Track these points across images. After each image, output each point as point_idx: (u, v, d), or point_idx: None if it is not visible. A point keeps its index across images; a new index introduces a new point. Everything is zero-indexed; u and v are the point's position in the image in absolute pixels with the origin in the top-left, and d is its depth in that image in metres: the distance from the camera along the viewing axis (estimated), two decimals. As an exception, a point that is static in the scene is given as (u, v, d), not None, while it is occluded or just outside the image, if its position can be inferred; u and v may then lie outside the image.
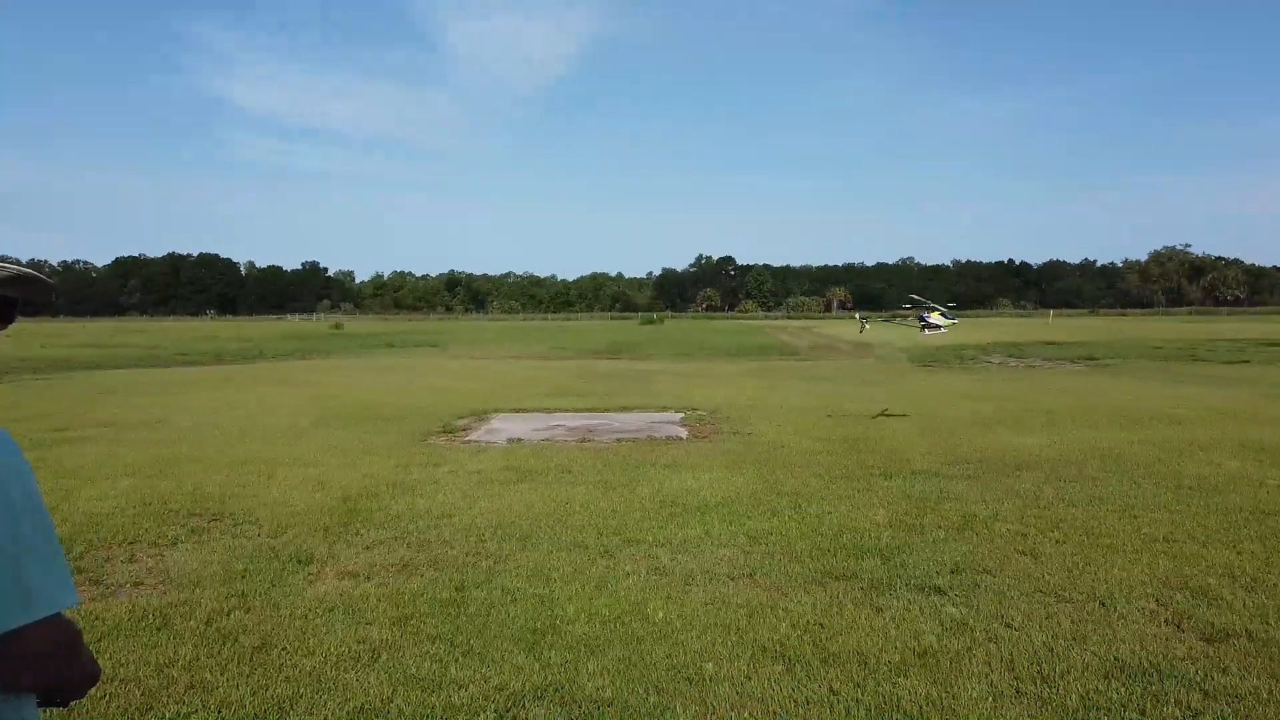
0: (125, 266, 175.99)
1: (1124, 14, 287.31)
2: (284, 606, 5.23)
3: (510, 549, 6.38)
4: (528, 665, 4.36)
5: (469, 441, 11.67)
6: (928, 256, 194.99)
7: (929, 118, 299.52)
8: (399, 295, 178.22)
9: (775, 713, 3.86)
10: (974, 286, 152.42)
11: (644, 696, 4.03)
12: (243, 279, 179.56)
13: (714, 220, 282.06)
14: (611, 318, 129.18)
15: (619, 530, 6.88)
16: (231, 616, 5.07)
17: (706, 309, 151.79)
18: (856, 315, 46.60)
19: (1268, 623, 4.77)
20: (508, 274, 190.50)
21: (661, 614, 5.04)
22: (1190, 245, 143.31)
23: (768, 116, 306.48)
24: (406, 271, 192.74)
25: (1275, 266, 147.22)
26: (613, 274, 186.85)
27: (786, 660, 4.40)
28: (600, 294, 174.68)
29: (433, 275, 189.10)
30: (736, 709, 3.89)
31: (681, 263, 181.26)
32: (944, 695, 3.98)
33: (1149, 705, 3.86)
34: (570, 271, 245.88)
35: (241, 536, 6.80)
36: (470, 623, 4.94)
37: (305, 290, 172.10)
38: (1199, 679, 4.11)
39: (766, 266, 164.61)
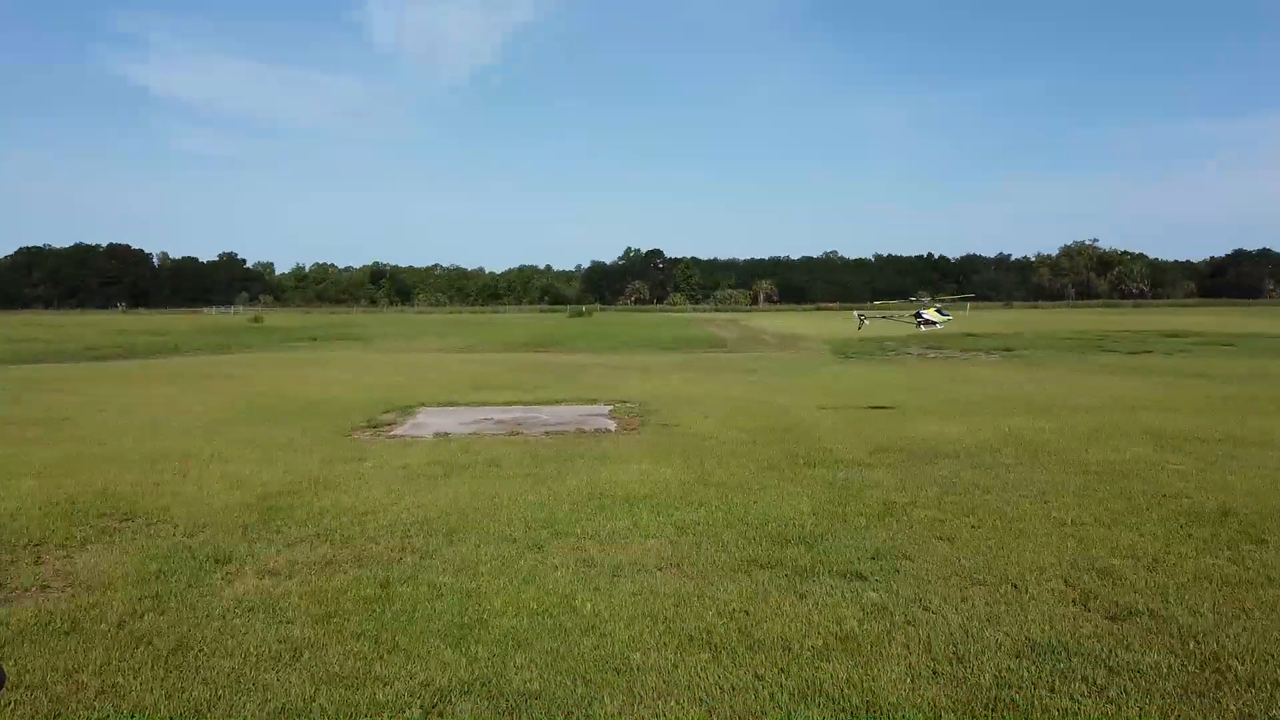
0: (28, 257, 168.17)
1: (1040, 20, 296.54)
2: (201, 607, 5.08)
3: (437, 544, 6.32)
4: (454, 660, 4.33)
5: (395, 436, 11.49)
6: (851, 251, 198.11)
7: (854, 115, 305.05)
8: (321, 288, 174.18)
9: (701, 700, 3.91)
10: (895, 280, 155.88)
11: (571, 688, 4.04)
12: (156, 271, 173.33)
13: (643, 213, 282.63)
14: (540, 311, 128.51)
15: (547, 523, 6.87)
16: (145, 619, 4.91)
17: (636, 302, 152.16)
18: (855, 313, 47.74)
19: (1168, 601, 5.01)
20: (434, 266, 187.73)
21: (590, 606, 5.06)
22: (1098, 240, 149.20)
23: (696, 110, 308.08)
24: (329, 263, 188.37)
25: (1176, 261, 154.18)
26: (542, 267, 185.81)
27: (713, 648, 4.46)
28: (529, 287, 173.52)
29: (356, 267, 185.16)
30: (663, 697, 3.93)
31: (610, 255, 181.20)
32: (864, 677, 4.08)
33: (1057, 682, 4.03)
34: (498, 264, 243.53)
35: (155, 536, 6.59)
36: (395, 619, 4.88)
37: (223, 282, 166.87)
38: (1104, 655, 4.30)
39: (695, 260, 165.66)
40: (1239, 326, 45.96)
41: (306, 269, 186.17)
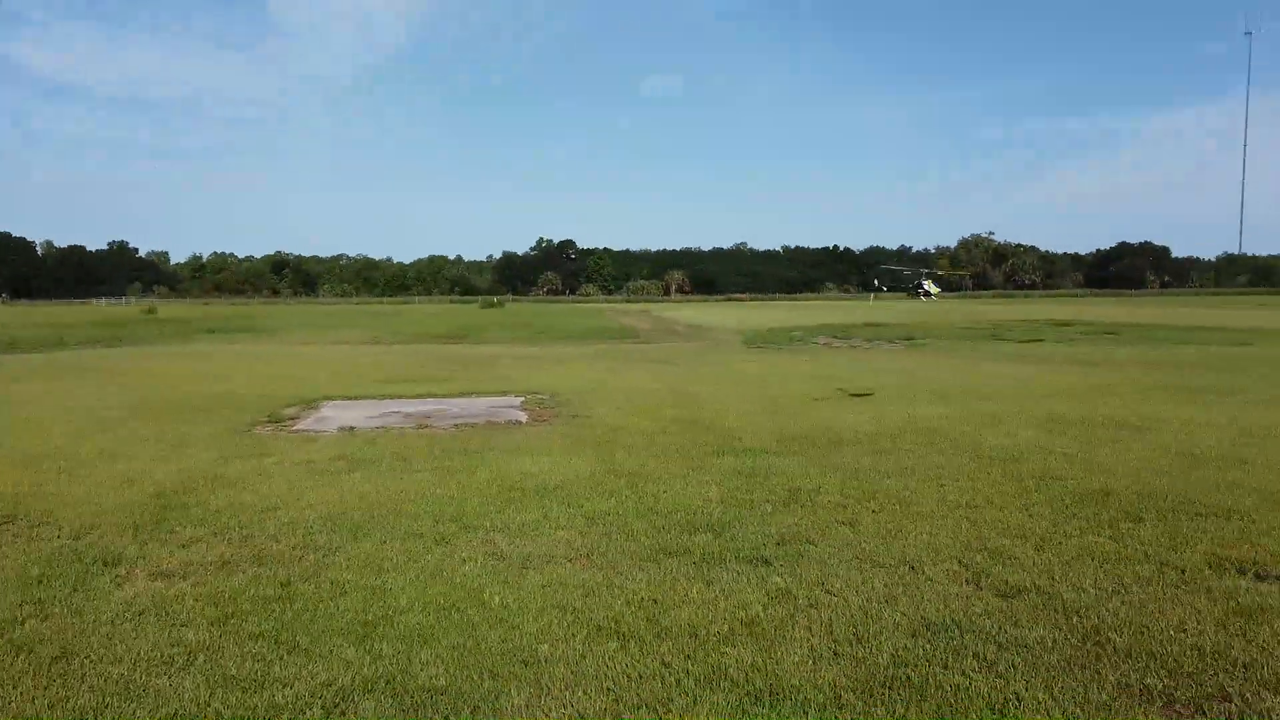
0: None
1: (933, 22, 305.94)
2: (88, 612, 4.86)
3: (341, 541, 6.19)
4: (357, 659, 4.26)
5: (298, 431, 11.18)
6: (760, 242, 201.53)
7: (763, 109, 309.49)
8: (220, 278, 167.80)
9: (609, 689, 3.94)
10: (803, 271, 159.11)
11: (478, 682, 4.01)
12: (40, 260, 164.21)
13: (555, 204, 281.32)
14: (451, 301, 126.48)
15: (456, 517, 6.79)
16: (26, 625, 4.68)
17: (548, 292, 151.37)
18: (871, 295, 49.99)
19: (1053, 578, 5.27)
20: (340, 256, 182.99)
21: (498, 599, 5.03)
22: (994, 233, 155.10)
23: (606, 100, 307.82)
24: (228, 253, 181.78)
25: (1065, 253, 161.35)
26: (452, 257, 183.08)
27: (621, 637, 4.49)
28: (439, 277, 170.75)
29: (257, 257, 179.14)
30: (570, 688, 3.95)
31: (522, 246, 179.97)
32: (768, 661, 4.17)
33: (950, 659, 4.19)
34: (407, 254, 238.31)
35: (38, 539, 6.26)
36: (296, 618, 4.76)
37: (113, 272, 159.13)
38: (994, 632, 4.50)
39: (607, 250, 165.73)
40: (1123, 316, 48.39)
41: (204, 258, 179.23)
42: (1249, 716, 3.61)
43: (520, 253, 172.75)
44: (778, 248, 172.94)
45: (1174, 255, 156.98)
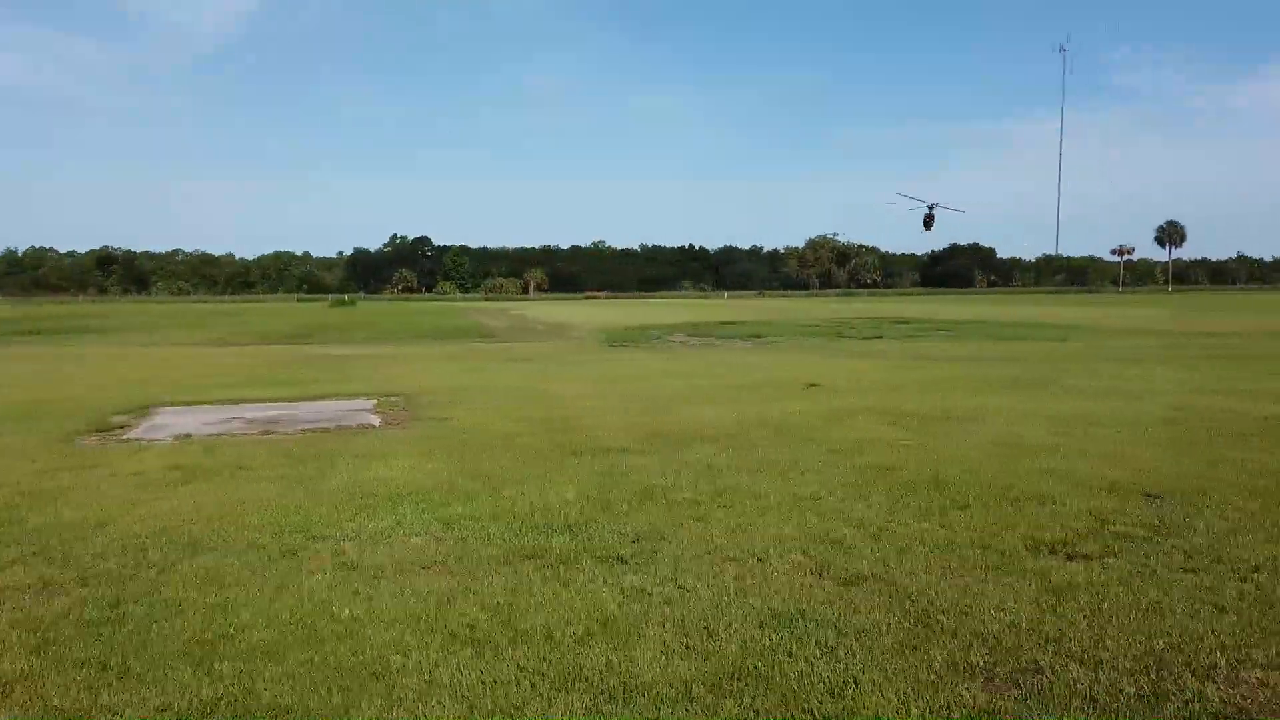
0: None
1: (776, 23, 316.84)
2: (-118, 648, 4.43)
3: (176, 557, 5.87)
4: (195, 681, 4.06)
5: (127, 440, 10.50)
6: (618, 240, 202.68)
7: (620, 106, 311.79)
8: (40, 274, 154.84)
9: (463, 697, 3.92)
10: (660, 269, 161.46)
11: (326, 698, 3.91)
12: None
13: (409, 199, 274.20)
14: (298, 300, 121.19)
15: (303, 527, 6.56)
16: None
17: (403, 290, 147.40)
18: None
19: (889, 565, 5.59)
20: (175, 251, 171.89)
21: (348, 611, 4.91)
22: (838, 234, 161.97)
23: (463, 93, 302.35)
24: (47, 247, 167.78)
25: (903, 254, 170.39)
26: (299, 253, 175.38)
27: (476, 643, 4.47)
28: (285, 274, 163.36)
29: (81, 252, 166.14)
30: (423, 698, 3.90)
31: (375, 242, 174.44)
32: (623, 659, 4.25)
33: (795, 647, 4.39)
34: (249, 250, 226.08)
35: None
36: (128, 641, 4.49)
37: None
38: (835, 619, 4.74)
39: (464, 248, 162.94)
40: (955, 313, 51.59)
41: (20, 253, 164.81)
42: (1057, 686, 3.95)
43: (373, 249, 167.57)
44: (635, 246, 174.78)
45: (999, 256, 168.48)
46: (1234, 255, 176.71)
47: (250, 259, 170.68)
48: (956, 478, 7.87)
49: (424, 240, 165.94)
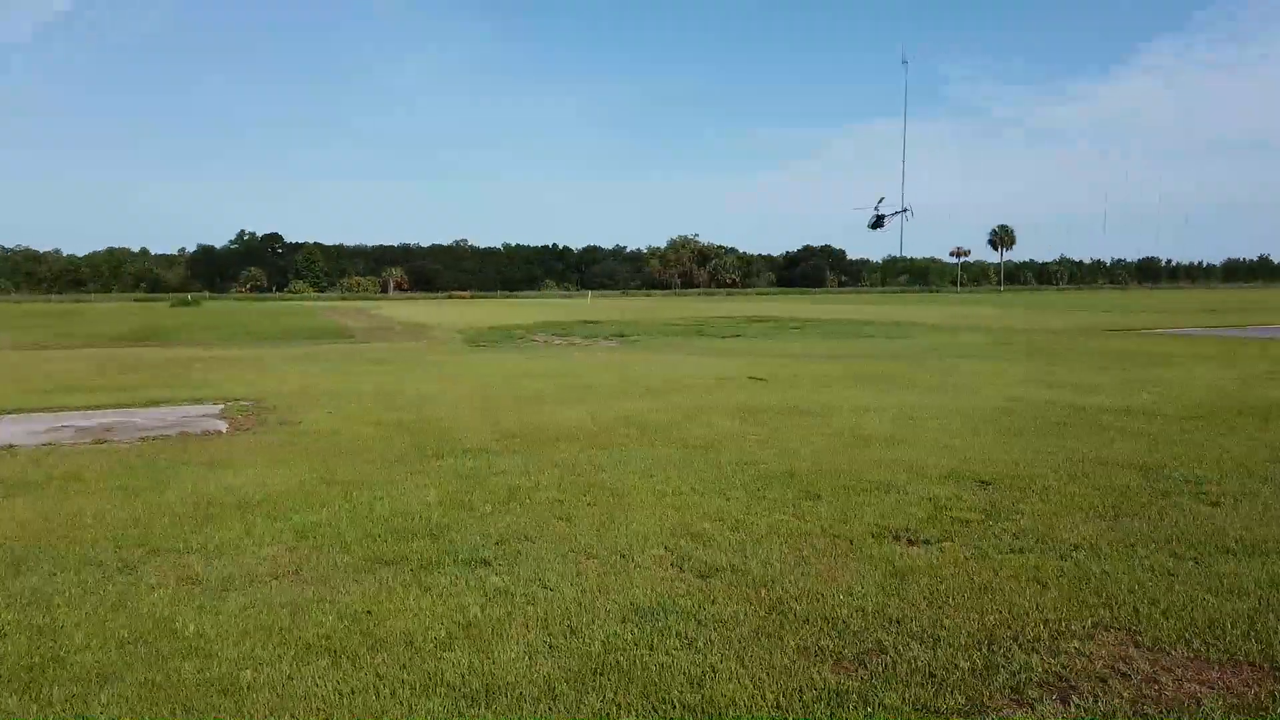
0: None
1: (640, 25, 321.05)
2: None
3: (-2, 578, 5.43)
4: (21, 709, 3.79)
5: (-62, 453, 9.60)
6: (481, 239, 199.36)
7: (483, 104, 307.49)
8: None
9: (319, 709, 3.81)
10: (523, 269, 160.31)
11: (169, 719, 3.72)
12: None
13: (258, 194, 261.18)
14: (136, 299, 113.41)
15: (142, 540, 6.20)
16: None
17: (252, 290, 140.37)
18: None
19: (746, 556, 5.78)
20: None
21: (193, 627, 4.68)
22: (699, 235, 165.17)
23: (318, 86, 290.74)
24: None
25: (760, 255, 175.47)
26: (136, 249, 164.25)
27: (332, 654, 4.35)
28: (121, 272, 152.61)
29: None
30: (276, 713, 3.77)
31: (221, 239, 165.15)
32: (485, 662, 4.24)
33: (656, 640, 4.49)
34: (80, 246, 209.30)
35: None
36: (-59, 672, 4.13)
37: None
38: (694, 610, 4.87)
39: (319, 245, 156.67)
40: (809, 312, 53.55)
41: None
42: (900, 665, 4.20)
43: (218, 246, 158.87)
44: (498, 245, 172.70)
45: (849, 257, 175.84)
46: (1058, 257, 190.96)
47: (80, 255, 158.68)
48: (809, 470, 8.21)
49: (274, 237, 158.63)
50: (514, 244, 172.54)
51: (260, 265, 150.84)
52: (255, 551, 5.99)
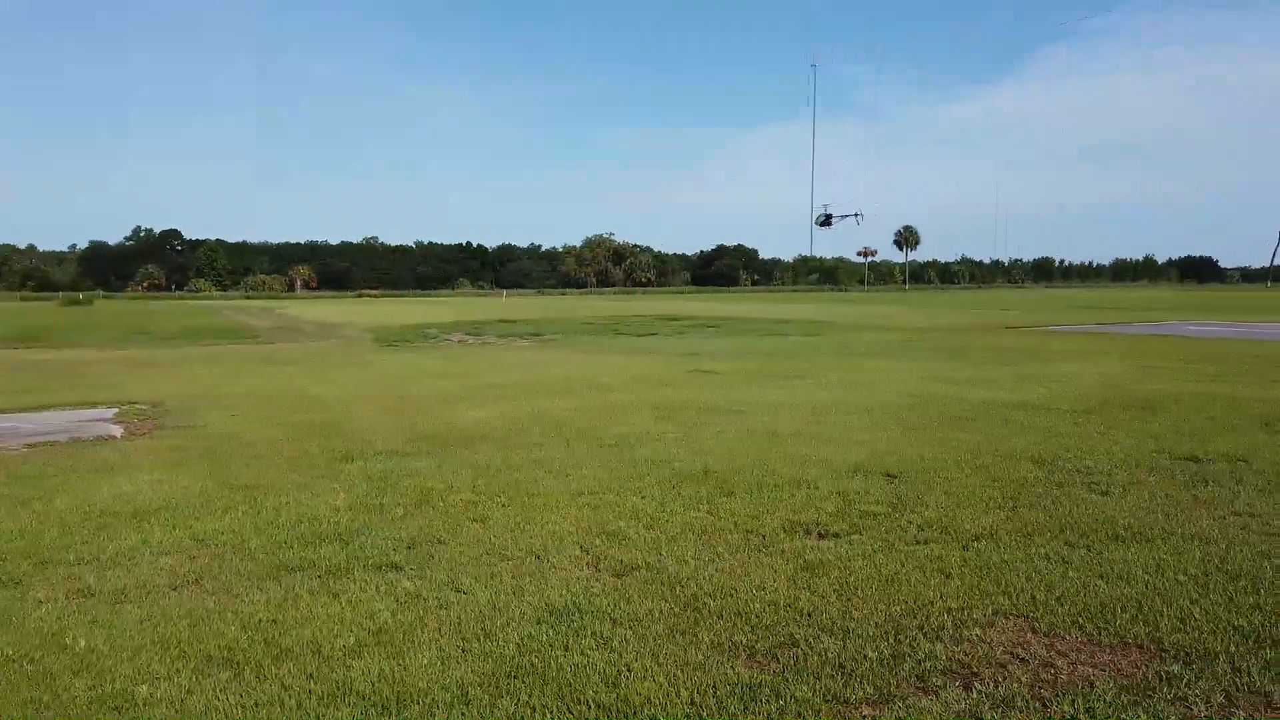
0: None
1: (554, 24, 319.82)
2: None
3: None
4: (-108, 737, 3.55)
5: None
6: (392, 237, 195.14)
7: (396, 100, 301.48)
8: None
9: (221, 723, 3.68)
10: (438, 267, 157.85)
11: (59, 740, 3.54)
12: None
13: (156, 188, 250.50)
14: (22, 299, 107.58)
15: (29, 553, 5.89)
16: None
17: (149, 288, 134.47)
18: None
19: (660, 553, 5.81)
20: None
21: (84, 642, 4.46)
22: (614, 234, 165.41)
23: (221, 78, 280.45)
24: None
25: (675, 254, 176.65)
26: (22, 246, 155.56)
27: (235, 665, 4.20)
28: (4, 270, 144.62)
29: None
30: (175, 729, 3.62)
31: (115, 235, 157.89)
32: (396, 669, 4.15)
33: (571, 641, 4.47)
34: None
35: None
36: None
37: None
38: (609, 609, 4.87)
39: (220, 242, 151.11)
40: (723, 311, 54.22)
41: None
42: (811, 657, 4.28)
43: (112, 243, 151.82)
44: (411, 243, 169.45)
45: (762, 256, 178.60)
46: (959, 257, 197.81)
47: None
48: (722, 467, 8.30)
49: (173, 234, 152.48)
50: (427, 242, 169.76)
51: (158, 263, 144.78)
52: (152, 561, 5.75)
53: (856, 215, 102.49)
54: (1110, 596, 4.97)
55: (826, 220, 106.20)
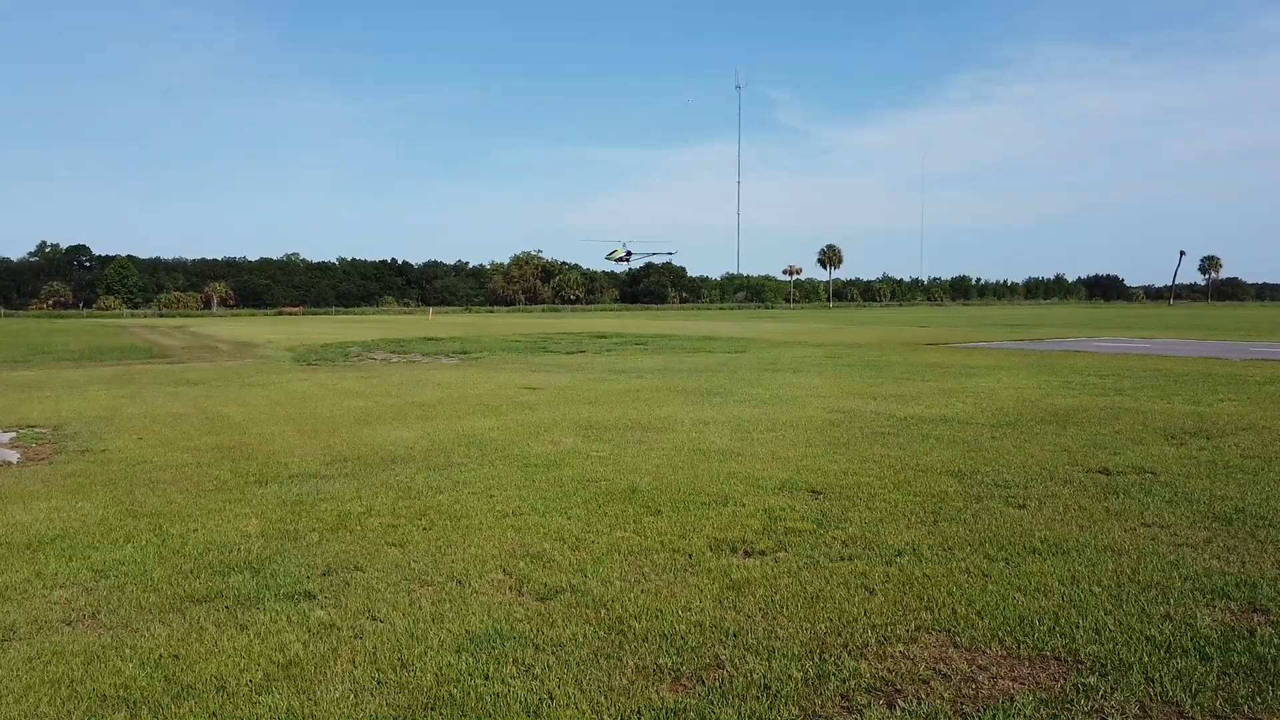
0: None
1: (482, 36, 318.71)
2: None
3: None
4: None
5: None
6: (314, 254, 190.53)
7: (313, 115, 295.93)
8: None
9: (113, 769, 3.44)
10: (360, 284, 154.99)
11: (-70, 795, 3.27)
12: None
13: (62, 203, 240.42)
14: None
15: (-94, 589, 5.48)
16: None
17: (55, 306, 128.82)
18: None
19: (586, 575, 5.71)
20: None
21: (-35, 684, 4.15)
22: (542, 251, 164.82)
23: (128, 90, 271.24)
24: None
25: (603, 271, 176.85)
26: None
27: (131, 705, 3.96)
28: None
29: None
30: (61, 778, 3.38)
31: (19, 250, 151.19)
32: (306, 704, 3.96)
33: (492, 669, 4.34)
34: None
35: None
36: None
37: None
38: (533, 635, 4.74)
39: (131, 258, 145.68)
40: (650, 328, 54.35)
41: None
42: (736, 679, 4.22)
43: (15, 258, 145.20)
44: (333, 259, 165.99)
45: (690, 274, 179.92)
46: (880, 276, 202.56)
47: None
48: (649, 485, 8.24)
49: (81, 249, 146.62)
50: (350, 258, 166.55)
51: (64, 279, 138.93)
52: (45, 595, 5.41)
53: (669, 254, 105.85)
54: (1028, 609, 5.04)
55: (626, 257, 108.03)
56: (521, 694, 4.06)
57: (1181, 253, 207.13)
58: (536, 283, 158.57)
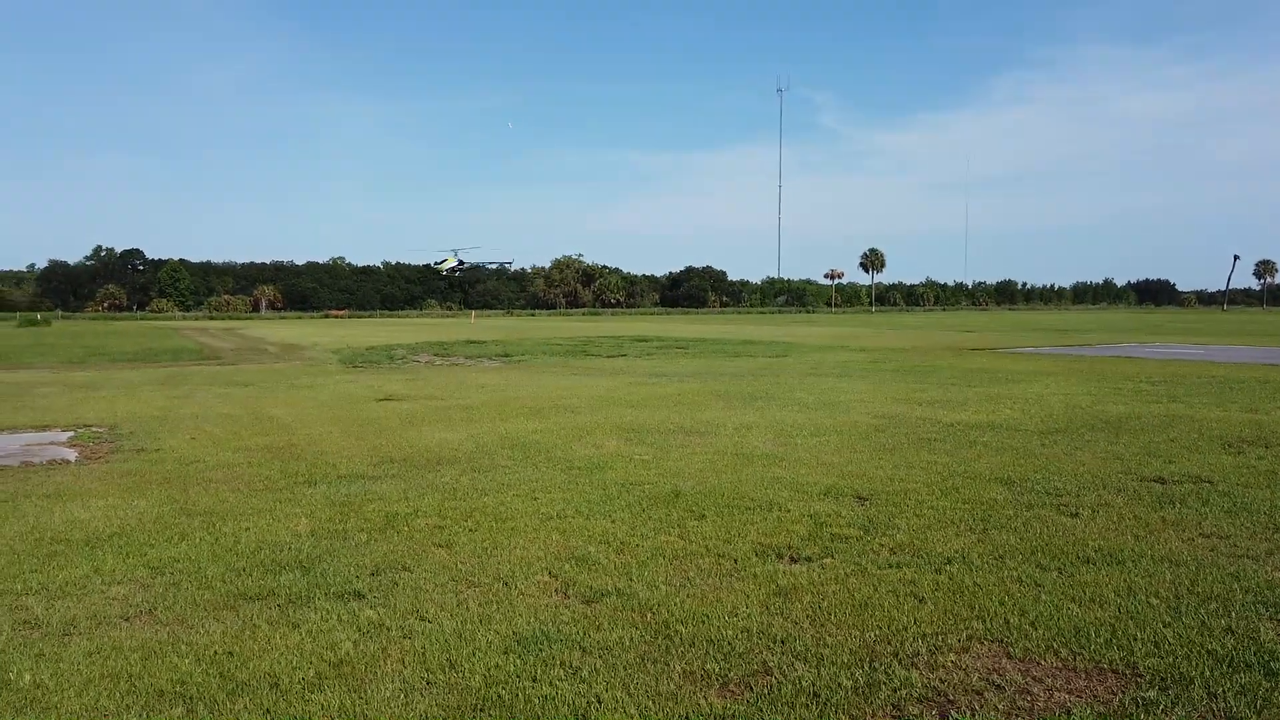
0: None
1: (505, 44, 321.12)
2: None
3: None
4: None
5: None
6: (359, 257, 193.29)
7: (339, 117, 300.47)
8: None
9: (171, 763, 3.51)
10: (404, 288, 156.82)
11: (-2, 784, 3.36)
12: None
13: (116, 208, 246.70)
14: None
15: (-27, 583, 5.65)
16: None
17: (110, 308, 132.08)
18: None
19: (631, 579, 5.70)
20: None
21: (29, 676, 4.27)
22: (583, 255, 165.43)
23: (174, 99, 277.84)
24: None
25: (644, 275, 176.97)
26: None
27: (187, 700, 4.03)
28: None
29: None
30: (122, 770, 3.45)
31: (75, 255, 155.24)
32: (357, 703, 4.01)
33: (539, 671, 4.35)
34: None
35: None
36: None
37: None
38: (579, 638, 4.75)
39: (184, 262, 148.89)
40: (691, 332, 54.28)
41: None
42: (785, 686, 4.19)
43: (72, 262, 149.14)
44: (378, 263, 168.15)
45: (730, 278, 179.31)
46: (924, 279, 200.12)
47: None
48: (693, 489, 8.22)
49: (135, 253, 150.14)
50: (395, 262, 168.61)
51: (119, 282, 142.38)
52: (103, 591, 5.54)
53: (506, 263, 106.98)
54: (1084, 620, 4.94)
55: (457, 266, 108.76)
56: (569, 697, 4.07)
57: (1236, 257, 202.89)
58: (577, 286, 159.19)
